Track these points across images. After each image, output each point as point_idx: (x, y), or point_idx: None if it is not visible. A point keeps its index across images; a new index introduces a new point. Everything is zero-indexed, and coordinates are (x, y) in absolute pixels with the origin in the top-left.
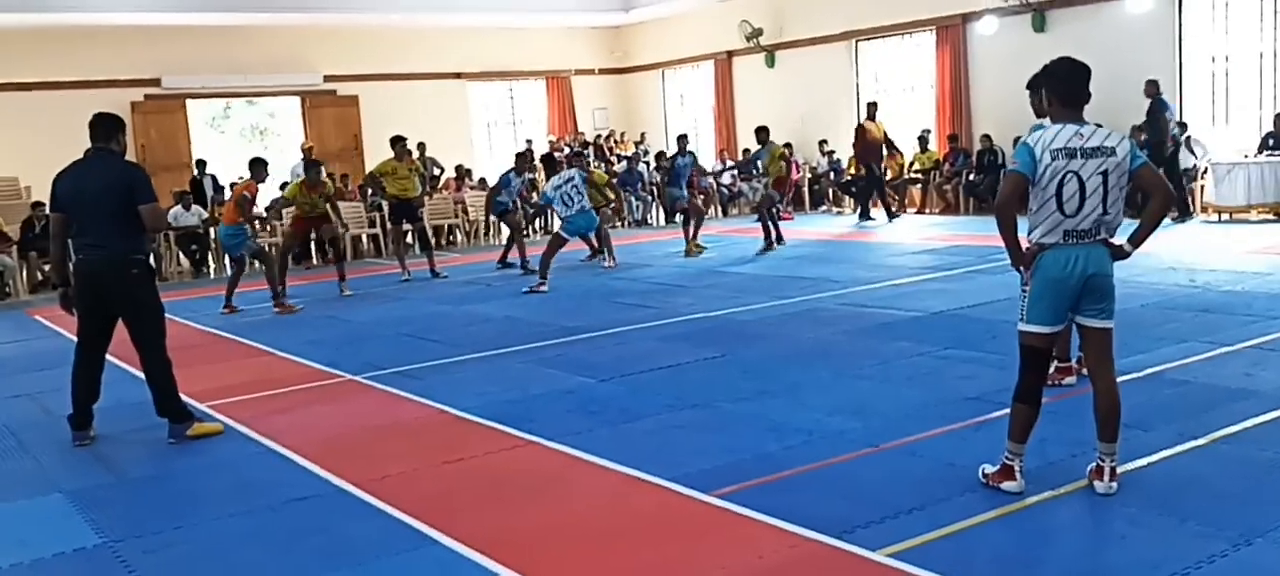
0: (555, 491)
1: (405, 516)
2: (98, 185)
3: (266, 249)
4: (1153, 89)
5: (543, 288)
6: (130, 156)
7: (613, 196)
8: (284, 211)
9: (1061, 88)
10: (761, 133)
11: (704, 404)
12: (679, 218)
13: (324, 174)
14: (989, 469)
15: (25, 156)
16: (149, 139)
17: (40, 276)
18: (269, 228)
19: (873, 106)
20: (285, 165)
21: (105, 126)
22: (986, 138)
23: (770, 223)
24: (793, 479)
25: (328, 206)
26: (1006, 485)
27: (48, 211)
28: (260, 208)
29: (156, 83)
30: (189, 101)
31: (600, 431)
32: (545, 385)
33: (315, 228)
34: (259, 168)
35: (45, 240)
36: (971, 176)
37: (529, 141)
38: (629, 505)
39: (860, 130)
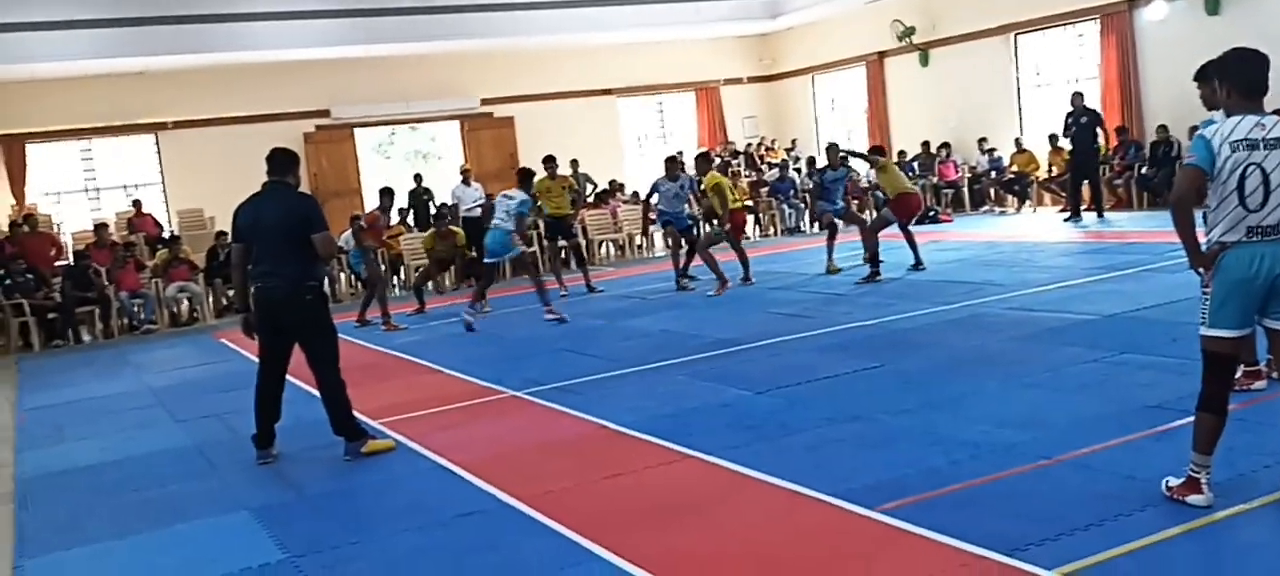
0: (716, 508)
1: (570, 532)
2: (274, 217)
3: (376, 273)
4: (1078, 99)
5: (476, 318)
6: (304, 186)
7: (721, 211)
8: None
9: (1239, 77)
10: (873, 152)
11: (864, 416)
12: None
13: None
14: (1173, 482)
15: (208, 188)
16: (320, 167)
17: (225, 302)
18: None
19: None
20: (445, 187)
21: (280, 161)
22: (1163, 128)
23: (909, 244)
24: (960, 494)
25: (456, 251)
26: (1193, 499)
27: (230, 242)
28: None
29: (326, 113)
30: (357, 130)
31: (758, 446)
32: (702, 398)
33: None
34: (385, 198)
35: (229, 268)
36: (1144, 170)
37: (679, 152)
38: (792, 522)
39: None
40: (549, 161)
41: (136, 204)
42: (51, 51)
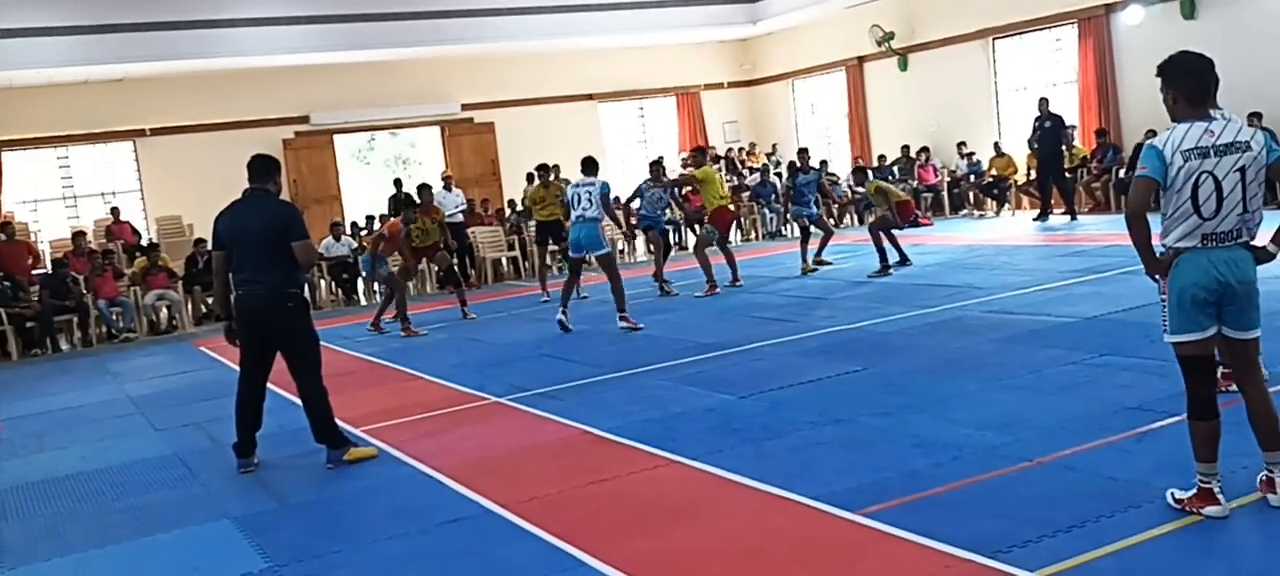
0: (699, 512)
1: (554, 538)
2: (255, 224)
3: (399, 279)
4: (1044, 105)
5: (564, 320)
6: (284, 192)
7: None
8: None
9: (1185, 84)
10: (857, 172)
11: (847, 420)
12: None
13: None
14: (1181, 494)
15: (187, 195)
16: (300, 173)
17: (204, 310)
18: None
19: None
20: None
21: (262, 168)
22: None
23: (889, 244)
24: (942, 496)
25: (439, 231)
26: (1209, 510)
27: (210, 249)
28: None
29: (305, 120)
30: (336, 136)
31: (742, 449)
32: (685, 403)
33: (429, 256)
34: (407, 208)
35: (208, 275)
36: (1122, 173)
37: (660, 157)
38: (774, 525)
39: None
40: (542, 170)
41: (114, 211)
42: (28, 58)
